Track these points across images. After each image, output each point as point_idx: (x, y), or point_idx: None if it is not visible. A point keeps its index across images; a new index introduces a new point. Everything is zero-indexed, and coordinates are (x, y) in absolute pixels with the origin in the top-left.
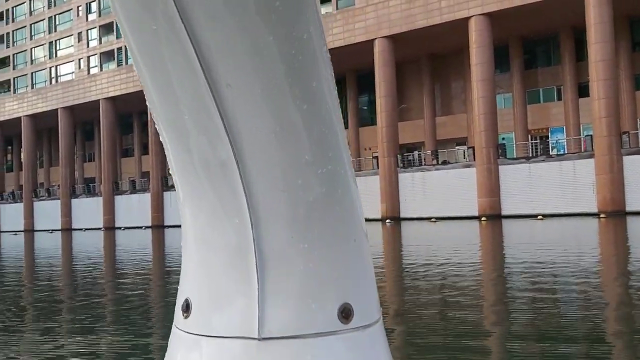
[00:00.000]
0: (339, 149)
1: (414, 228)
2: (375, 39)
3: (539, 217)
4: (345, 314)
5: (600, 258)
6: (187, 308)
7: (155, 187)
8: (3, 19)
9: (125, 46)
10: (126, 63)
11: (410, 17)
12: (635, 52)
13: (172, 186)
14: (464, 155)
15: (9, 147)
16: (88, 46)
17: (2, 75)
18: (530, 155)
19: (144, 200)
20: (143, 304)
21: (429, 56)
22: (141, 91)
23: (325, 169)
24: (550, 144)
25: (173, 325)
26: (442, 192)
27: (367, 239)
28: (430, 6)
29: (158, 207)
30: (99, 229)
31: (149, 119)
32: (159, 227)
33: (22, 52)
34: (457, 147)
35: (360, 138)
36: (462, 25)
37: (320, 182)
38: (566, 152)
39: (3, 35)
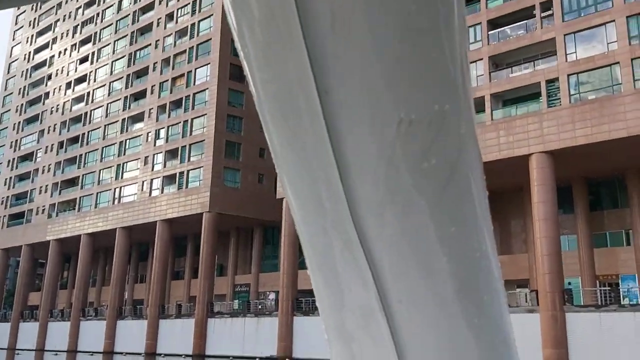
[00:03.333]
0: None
1: None
2: None
3: None
4: None
5: None
6: None
7: (200, 313)
8: (78, 142)
9: (187, 171)
10: (186, 187)
11: None
12: None
13: (217, 313)
14: (526, 299)
15: (67, 264)
16: (152, 170)
17: (69, 195)
18: (600, 303)
19: (187, 326)
20: None
21: (490, 193)
22: (198, 215)
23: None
24: (621, 292)
25: None
26: None
27: None
28: (488, 141)
29: (201, 334)
30: (140, 354)
31: (202, 241)
32: (200, 356)
33: (91, 173)
34: (518, 290)
35: None
36: (522, 162)
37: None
38: None
39: (75, 157)
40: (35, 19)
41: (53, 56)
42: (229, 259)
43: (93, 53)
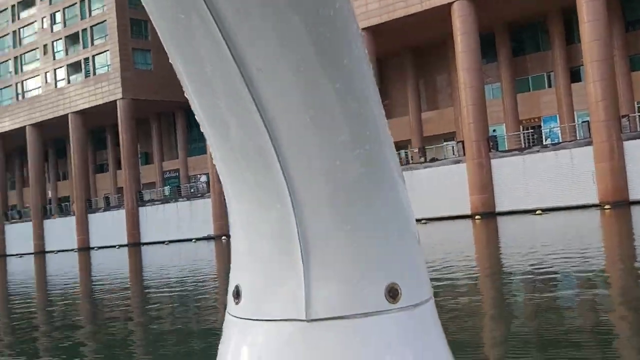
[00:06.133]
0: (377, 128)
1: None
2: None
3: (538, 212)
4: (393, 293)
5: None
6: (237, 294)
7: (130, 203)
8: None
9: (92, 56)
10: (94, 74)
11: (388, 6)
12: (629, 32)
13: (148, 201)
14: (453, 151)
15: None
16: (54, 59)
17: None
18: (524, 146)
19: (118, 218)
20: None
21: (412, 49)
22: (111, 103)
23: (363, 149)
24: (543, 134)
25: (226, 312)
26: (431, 191)
27: (413, 218)
28: None
29: (134, 224)
30: (73, 250)
31: (120, 131)
32: (135, 245)
33: None
34: (445, 143)
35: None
36: (444, 12)
37: (359, 162)
38: (561, 140)
39: None
40: None
41: None
42: (153, 146)
43: None
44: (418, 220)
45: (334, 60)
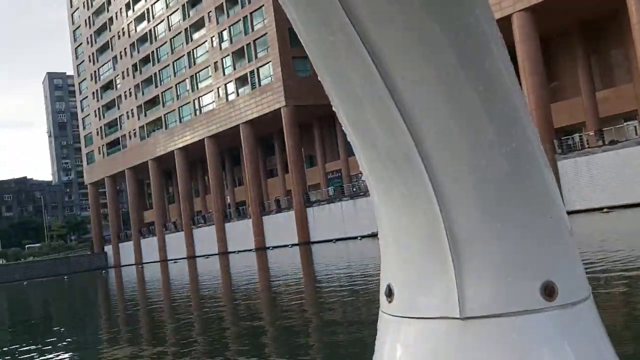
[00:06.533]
0: (523, 126)
1: (581, 222)
2: (513, 13)
3: None
4: (549, 291)
5: None
6: (389, 293)
7: (298, 205)
8: (150, 62)
9: (256, 69)
10: (259, 85)
11: None
12: None
13: (314, 202)
14: (636, 131)
15: (169, 180)
16: (224, 74)
17: (155, 114)
18: None
19: (289, 219)
20: None
21: (580, 24)
22: (276, 111)
23: (509, 147)
24: None
25: (380, 310)
26: (612, 176)
27: (564, 212)
28: None
29: (303, 224)
30: (251, 250)
31: (285, 137)
32: (305, 243)
33: (168, 89)
34: (625, 123)
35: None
36: None
37: (506, 160)
38: None
39: (151, 76)
40: None
41: None
42: (316, 149)
43: None
44: (599, 209)
45: (476, 65)
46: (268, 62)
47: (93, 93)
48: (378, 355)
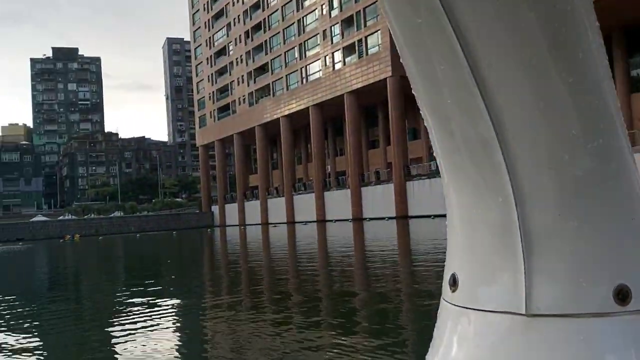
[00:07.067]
0: (612, 121)
1: None
2: None
3: None
4: (622, 295)
5: None
6: (454, 282)
7: (398, 178)
8: (261, 29)
9: (364, 37)
10: (366, 54)
11: None
12: None
13: (415, 176)
14: None
15: (274, 147)
16: (332, 42)
17: (263, 81)
18: None
19: (388, 191)
20: None
21: (620, 27)
22: (382, 82)
23: (595, 143)
24: None
25: (441, 299)
26: None
27: None
28: None
29: (401, 198)
30: (347, 220)
31: (389, 108)
32: (403, 217)
33: (277, 57)
34: None
35: (633, 107)
36: None
37: (590, 156)
38: None
39: (262, 43)
40: None
41: None
42: (421, 123)
43: None
44: None
45: (568, 54)
46: (377, 31)
47: (207, 59)
48: (436, 342)
